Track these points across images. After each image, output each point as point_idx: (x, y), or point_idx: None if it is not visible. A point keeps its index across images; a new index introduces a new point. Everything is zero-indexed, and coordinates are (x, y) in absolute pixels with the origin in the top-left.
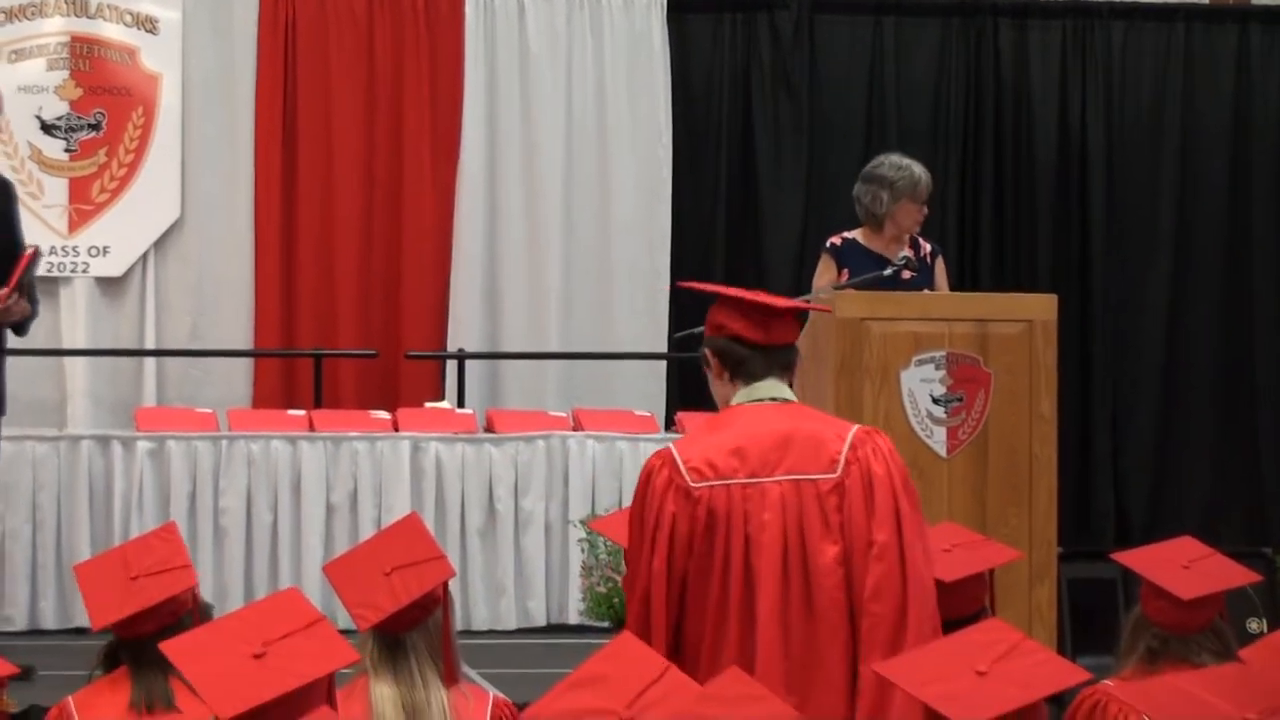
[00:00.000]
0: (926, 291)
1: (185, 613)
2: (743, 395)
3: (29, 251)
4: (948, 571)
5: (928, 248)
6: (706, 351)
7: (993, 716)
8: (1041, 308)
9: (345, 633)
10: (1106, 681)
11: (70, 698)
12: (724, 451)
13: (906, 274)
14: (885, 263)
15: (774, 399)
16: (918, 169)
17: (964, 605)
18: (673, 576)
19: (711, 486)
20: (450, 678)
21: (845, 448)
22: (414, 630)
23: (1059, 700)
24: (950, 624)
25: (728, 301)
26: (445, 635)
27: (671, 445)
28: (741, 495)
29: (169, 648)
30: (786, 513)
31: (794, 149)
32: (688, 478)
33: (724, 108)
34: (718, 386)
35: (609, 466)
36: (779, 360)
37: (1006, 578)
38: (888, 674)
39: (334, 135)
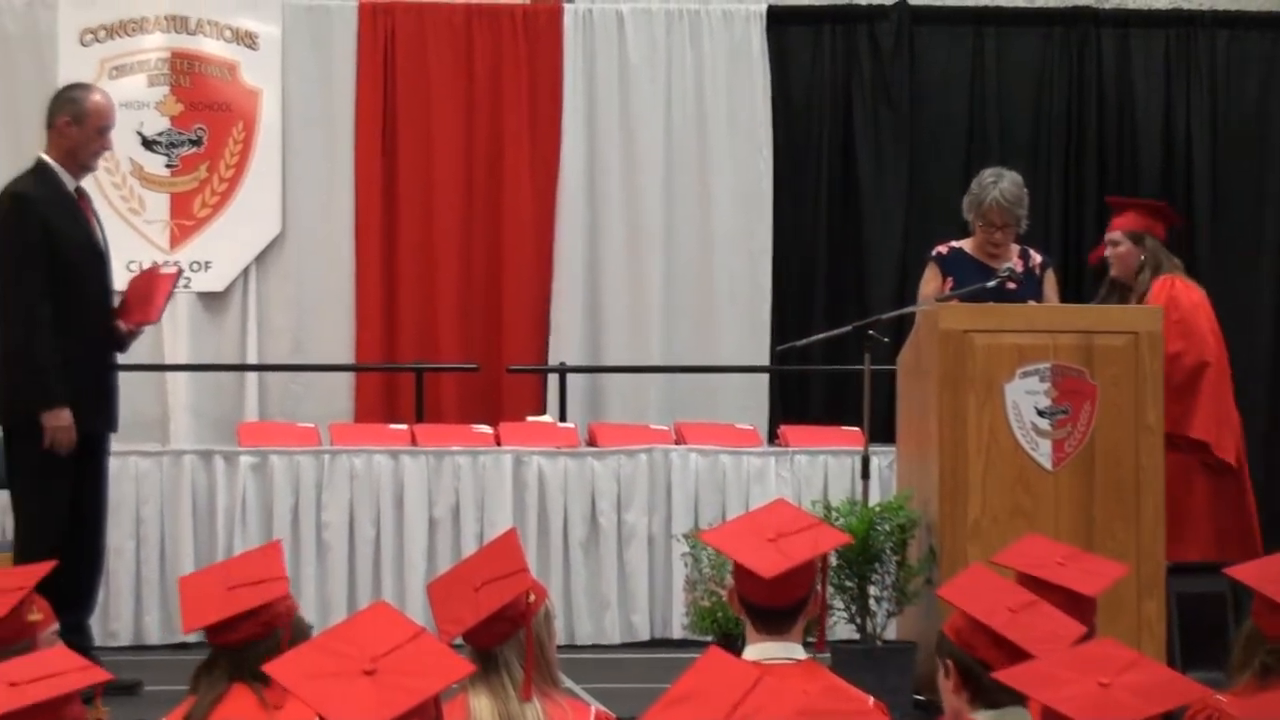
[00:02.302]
0: (1031, 303)
1: (279, 626)
2: None
3: (173, 271)
4: (1087, 585)
5: (1038, 259)
6: (948, 660)
7: None
8: (1147, 319)
9: (459, 648)
10: (1219, 696)
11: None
12: None
13: (1011, 285)
14: (990, 273)
15: None
16: (993, 190)
17: (1083, 621)
18: None
19: None
20: (541, 689)
21: None
22: (506, 643)
23: (1170, 717)
24: None
25: (981, 629)
26: (529, 646)
27: None
28: None
29: (277, 670)
30: None
31: (895, 160)
32: None
33: (824, 119)
34: (949, 696)
35: (712, 480)
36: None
37: (1113, 592)
38: (1012, 680)
39: (433, 148)
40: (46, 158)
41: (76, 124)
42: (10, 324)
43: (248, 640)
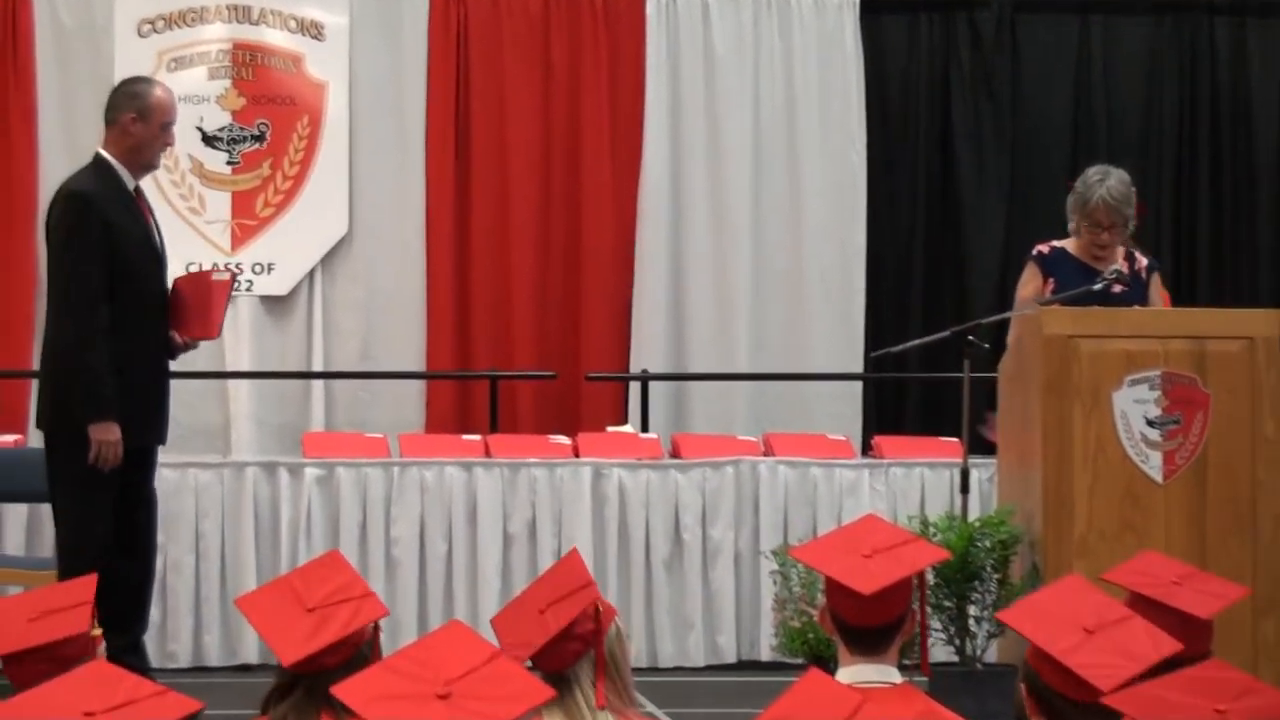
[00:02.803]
0: (1139, 308)
1: (364, 644)
2: None
3: (226, 279)
4: (1202, 607)
5: (1144, 262)
6: (1024, 686)
7: None
8: (1264, 324)
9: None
10: None
11: None
12: None
13: (1117, 288)
14: (1094, 275)
15: None
16: (1099, 189)
17: (1198, 644)
18: None
19: None
20: (617, 710)
21: None
22: (578, 664)
23: None
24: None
25: (1053, 664)
26: (599, 663)
27: None
28: None
29: (345, 693)
30: None
31: (996, 155)
32: None
33: (921, 112)
34: None
35: (802, 494)
36: None
37: (1227, 612)
38: (1120, 705)
39: (509, 144)
40: (106, 154)
41: (142, 120)
42: (63, 327)
43: (340, 666)
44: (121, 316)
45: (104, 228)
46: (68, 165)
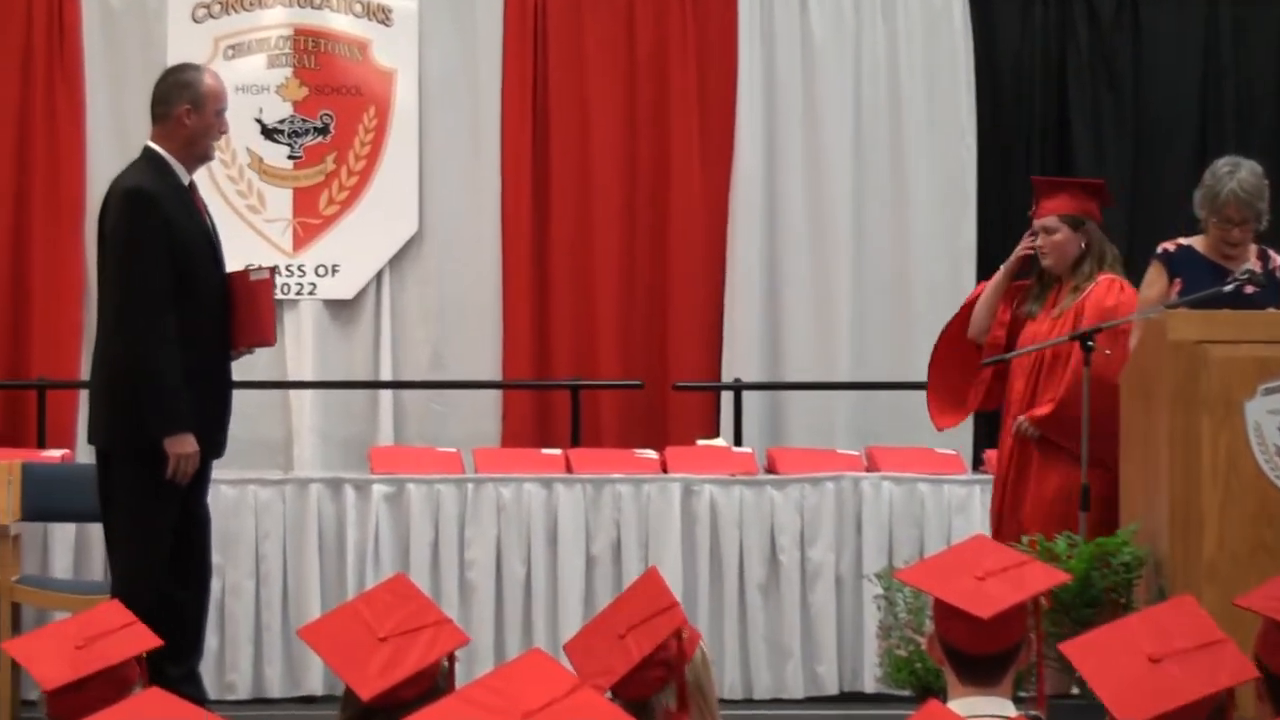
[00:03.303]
0: (1273, 310)
1: (440, 675)
2: None
3: (266, 276)
4: None
5: (1279, 260)
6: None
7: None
8: None
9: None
10: None
11: None
12: None
13: (1250, 289)
14: (1225, 275)
15: None
16: (1230, 182)
17: None
18: None
19: None
20: None
21: None
22: (661, 692)
23: None
24: None
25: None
26: (681, 692)
27: None
28: None
29: None
30: None
31: (1116, 146)
32: None
33: (1036, 101)
34: None
35: (908, 512)
36: None
37: None
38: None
39: (590, 137)
40: (158, 148)
41: (196, 110)
42: (128, 334)
43: (417, 699)
44: (180, 322)
45: (165, 226)
46: (118, 160)
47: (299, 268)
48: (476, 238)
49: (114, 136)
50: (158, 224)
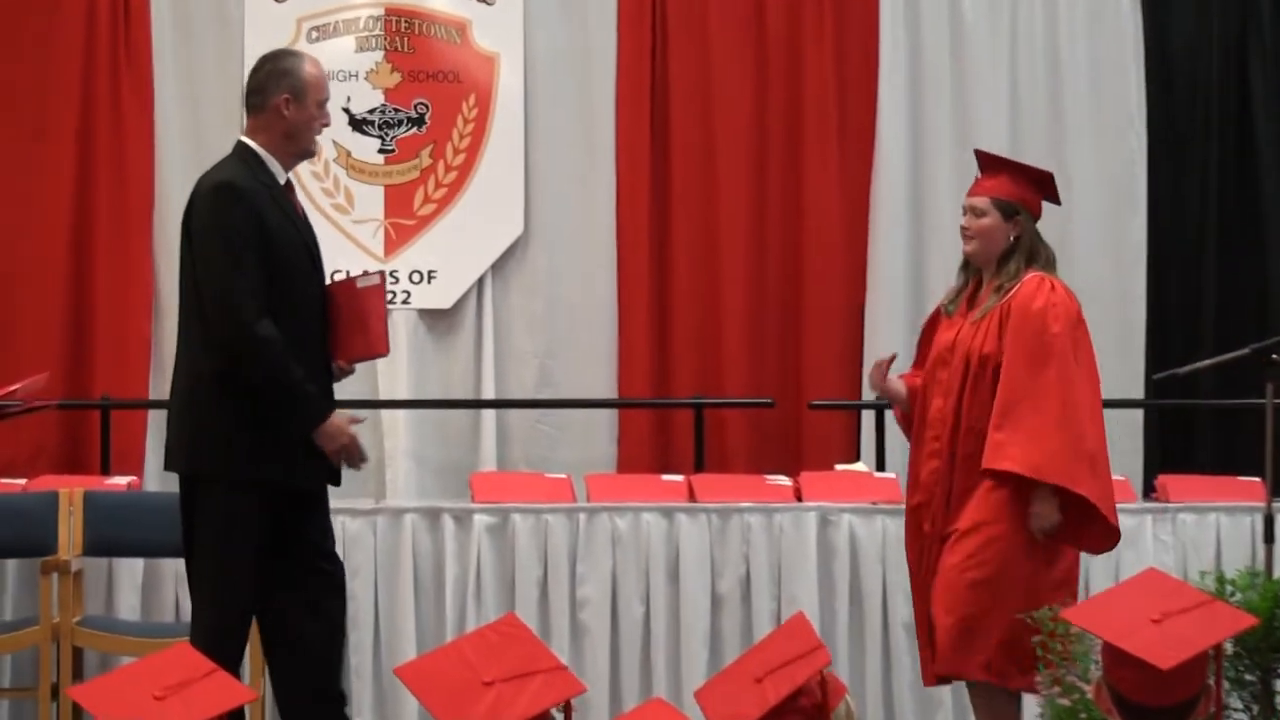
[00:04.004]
0: None
1: None
2: None
3: (375, 283)
4: None
5: None
6: None
7: None
8: None
9: None
10: None
11: None
12: None
13: None
14: None
15: None
16: None
17: None
18: None
19: None
20: None
21: None
22: None
23: None
24: None
25: None
26: None
27: None
28: None
29: None
30: None
31: None
32: None
33: (1213, 89)
34: None
35: None
36: None
37: None
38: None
39: (715, 127)
40: (252, 143)
41: (296, 101)
42: (227, 337)
43: None
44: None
45: (259, 224)
46: (190, 158)
47: (392, 274)
48: (589, 240)
49: (185, 131)
50: (250, 220)
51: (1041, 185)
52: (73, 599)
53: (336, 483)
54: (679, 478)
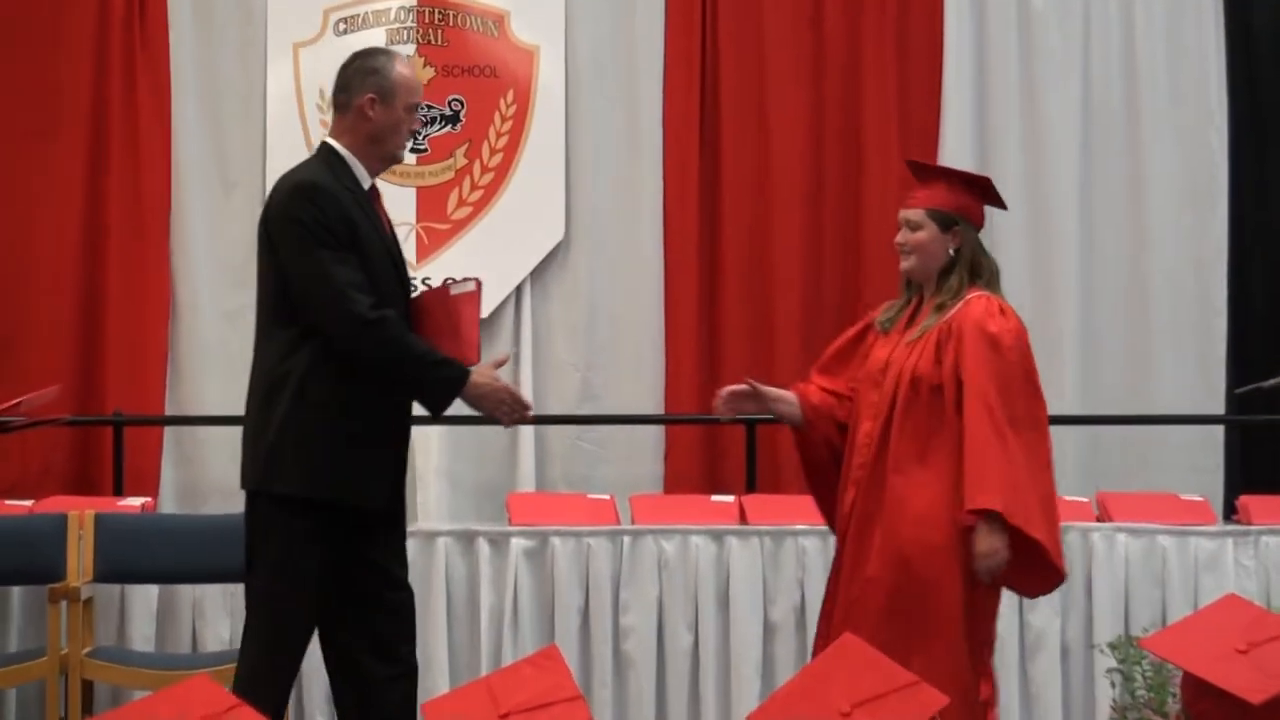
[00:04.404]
0: None
1: None
2: None
3: (472, 289)
4: None
5: None
6: None
7: None
8: None
9: None
10: None
11: None
12: None
13: None
14: None
15: None
16: None
17: None
18: None
19: None
20: None
21: None
22: None
23: None
24: None
25: None
26: None
27: None
28: None
29: None
30: None
31: None
32: None
33: None
34: None
35: (1147, 571)
36: None
37: None
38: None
39: (769, 127)
40: (336, 144)
41: (383, 102)
42: (342, 330)
43: None
44: None
45: (346, 225)
46: (210, 156)
47: (424, 281)
48: (634, 246)
49: (205, 130)
50: (338, 220)
51: (981, 191)
52: (82, 629)
53: (401, 506)
54: (729, 498)
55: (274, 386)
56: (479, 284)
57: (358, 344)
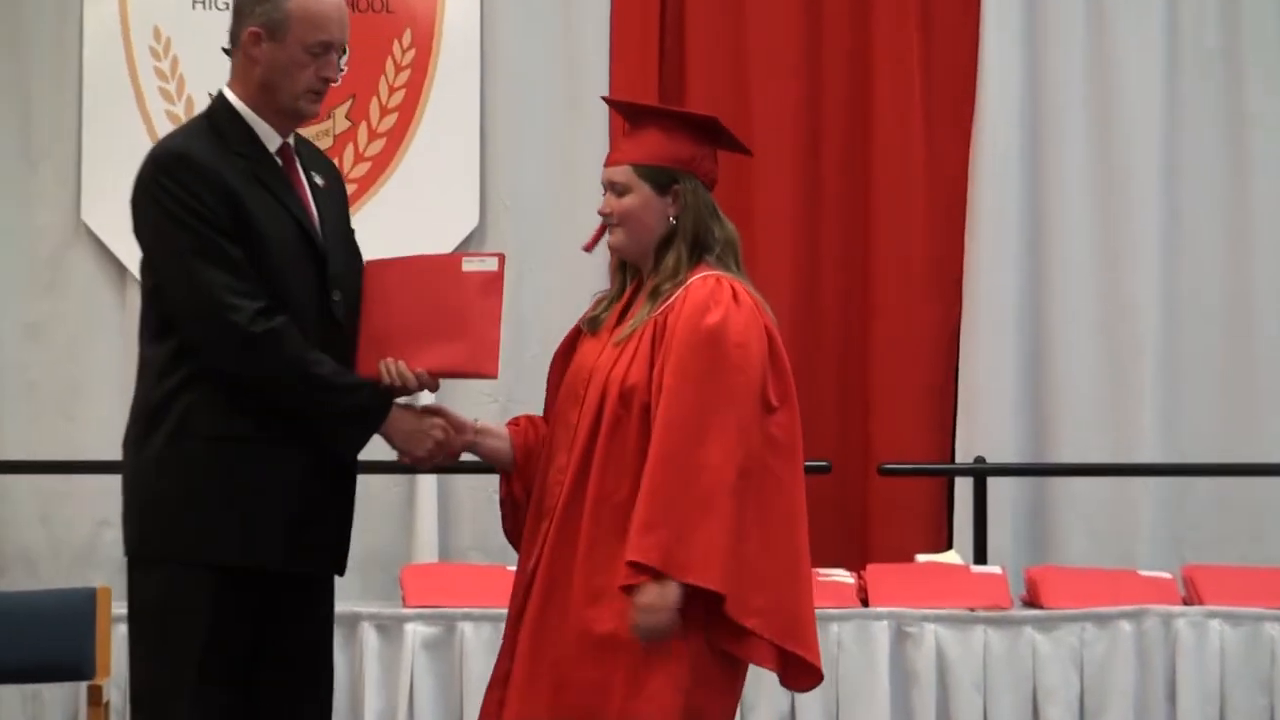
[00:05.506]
0: None
1: None
2: None
3: (494, 268)
4: None
5: None
6: None
7: None
8: None
9: None
10: None
11: None
12: None
13: None
14: None
15: None
16: None
17: None
18: None
19: None
20: None
21: None
22: None
23: None
24: None
25: None
26: None
27: None
28: None
29: None
30: None
31: None
32: None
33: None
34: None
35: (1250, 666)
36: None
37: None
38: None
39: (750, 83)
40: (231, 95)
41: (271, 38)
42: (213, 346)
43: None
44: None
45: (227, 203)
46: (6, 118)
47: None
48: (571, 236)
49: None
50: (213, 198)
51: (710, 136)
52: None
53: (339, 570)
54: None
55: (151, 418)
56: (502, 261)
57: (237, 364)
